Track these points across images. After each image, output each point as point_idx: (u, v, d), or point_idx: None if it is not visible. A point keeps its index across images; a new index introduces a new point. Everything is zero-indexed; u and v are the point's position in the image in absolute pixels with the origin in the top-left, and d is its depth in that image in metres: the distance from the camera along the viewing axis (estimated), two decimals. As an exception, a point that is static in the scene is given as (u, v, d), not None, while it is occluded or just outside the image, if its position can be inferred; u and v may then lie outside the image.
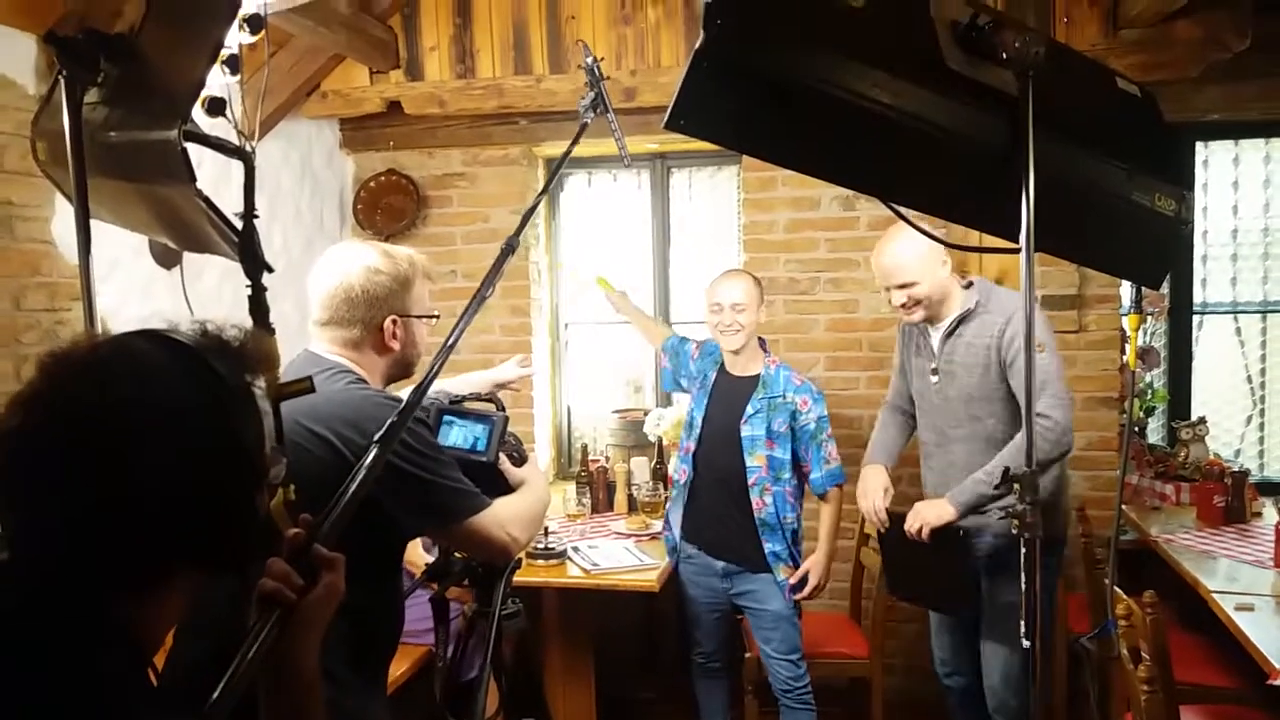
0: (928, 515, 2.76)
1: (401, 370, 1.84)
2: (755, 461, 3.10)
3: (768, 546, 3.11)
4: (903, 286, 2.84)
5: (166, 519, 0.88)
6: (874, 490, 2.99)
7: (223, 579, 0.97)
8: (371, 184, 4.24)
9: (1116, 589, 2.33)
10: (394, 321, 1.74)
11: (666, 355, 3.48)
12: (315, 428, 1.57)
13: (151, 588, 0.92)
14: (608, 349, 4.53)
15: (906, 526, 2.80)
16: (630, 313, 3.75)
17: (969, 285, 2.90)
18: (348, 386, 1.67)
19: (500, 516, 1.71)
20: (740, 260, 4.05)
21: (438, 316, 1.84)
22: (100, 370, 0.89)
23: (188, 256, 2.86)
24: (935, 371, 2.92)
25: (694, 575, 3.27)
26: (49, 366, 0.90)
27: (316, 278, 1.76)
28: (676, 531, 3.29)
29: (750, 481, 3.10)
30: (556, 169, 1.79)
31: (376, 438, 1.18)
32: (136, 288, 3.00)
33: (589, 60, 1.90)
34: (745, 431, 3.11)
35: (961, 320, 2.84)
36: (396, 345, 1.76)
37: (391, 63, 3.92)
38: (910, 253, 2.79)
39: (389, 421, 1.21)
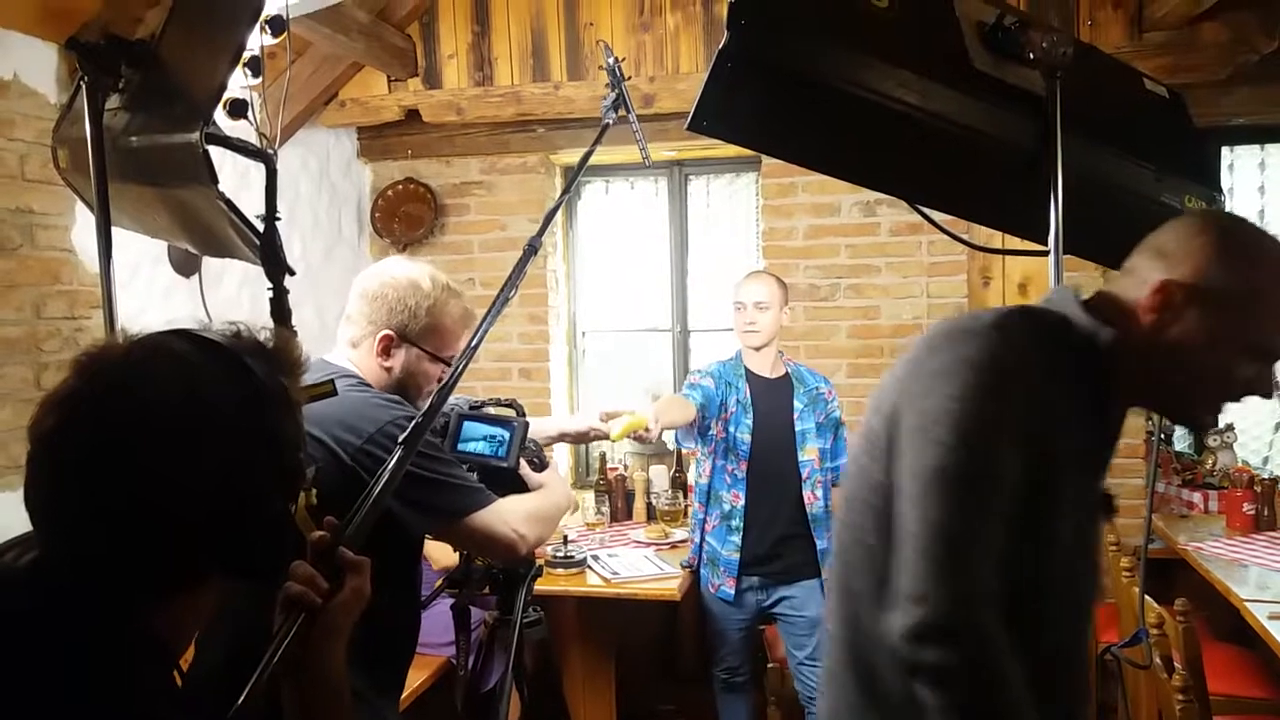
0: None
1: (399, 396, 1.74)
2: (807, 455, 3.15)
3: (819, 545, 3.12)
4: None
5: (202, 523, 0.86)
6: None
7: (252, 584, 0.95)
8: (389, 192, 4.25)
9: (1148, 598, 2.29)
10: (386, 339, 1.69)
11: (700, 411, 3.13)
12: (312, 430, 1.54)
13: (182, 592, 0.90)
14: (626, 357, 4.51)
15: None
16: (668, 422, 2.96)
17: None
18: (346, 389, 1.63)
19: (505, 513, 1.69)
20: (760, 268, 4.03)
21: (447, 363, 1.75)
22: (138, 371, 0.88)
23: (206, 264, 2.87)
24: None
25: (727, 594, 3.20)
26: (85, 366, 0.88)
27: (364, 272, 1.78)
28: (731, 562, 3.14)
29: (804, 475, 3.13)
30: (579, 168, 1.77)
31: (401, 439, 1.17)
32: (156, 295, 3.01)
33: (610, 60, 1.88)
34: (799, 426, 3.16)
35: None
36: (389, 365, 1.71)
37: (410, 71, 3.92)
38: None
39: (414, 422, 1.20)
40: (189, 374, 0.89)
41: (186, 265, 3.03)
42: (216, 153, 1.63)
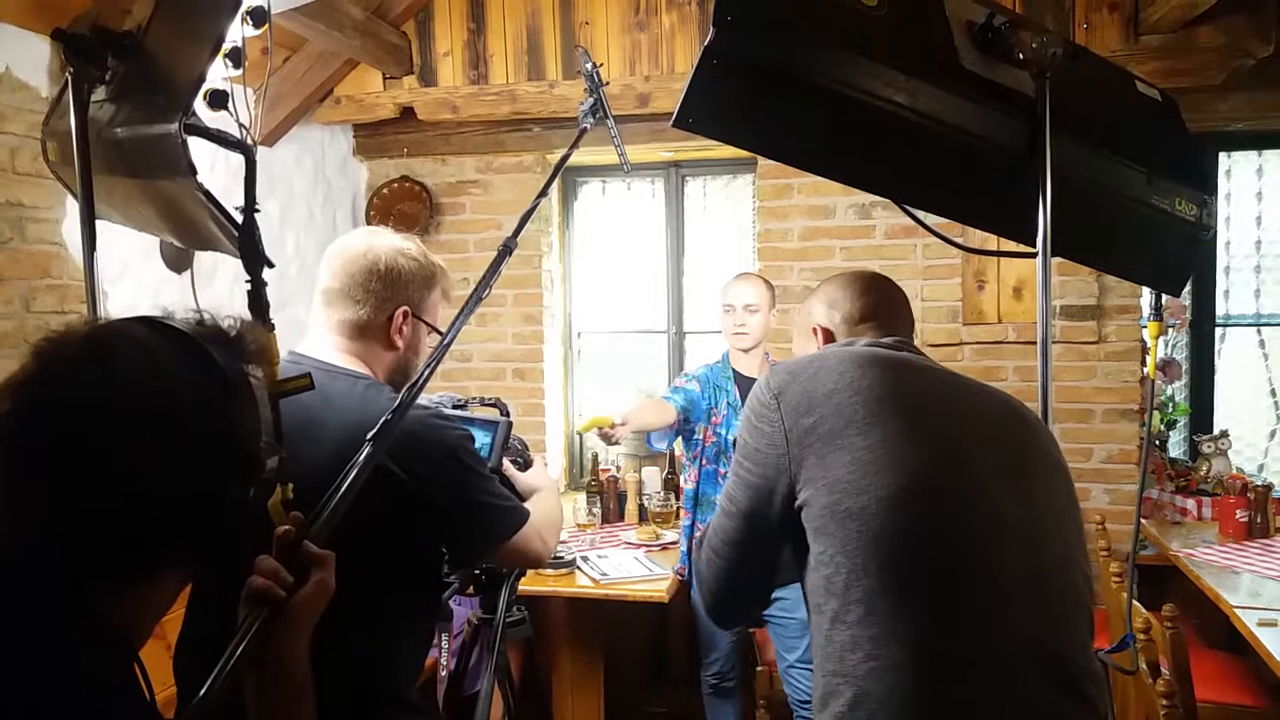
0: None
1: (400, 378, 1.65)
2: None
3: None
4: None
5: (159, 509, 0.85)
6: None
7: (212, 573, 0.94)
8: (385, 190, 4.24)
9: (1136, 603, 2.28)
10: (404, 314, 1.58)
11: (681, 414, 3.17)
12: (384, 462, 1.34)
13: (139, 581, 0.89)
14: (620, 358, 4.50)
15: None
16: (638, 424, 3.08)
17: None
18: (374, 396, 1.50)
19: (537, 526, 1.64)
20: (755, 269, 4.02)
21: (442, 334, 1.65)
22: (97, 356, 0.87)
23: (198, 260, 2.86)
24: None
25: None
26: (44, 351, 0.88)
27: (339, 246, 1.61)
28: None
29: None
30: (555, 172, 1.75)
31: (370, 436, 1.16)
32: (146, 291, 3.00)
33: (588, 66, 1.89)
34: None
35: None
36: (400, 343, 1.60)
37: (405, 68, 3.92)
38: None
39: (382, 420, 1.18)
40: (148, 359, 0.88)
41: (178, 261, 3.02)
42: (209, 148, 1.62)
